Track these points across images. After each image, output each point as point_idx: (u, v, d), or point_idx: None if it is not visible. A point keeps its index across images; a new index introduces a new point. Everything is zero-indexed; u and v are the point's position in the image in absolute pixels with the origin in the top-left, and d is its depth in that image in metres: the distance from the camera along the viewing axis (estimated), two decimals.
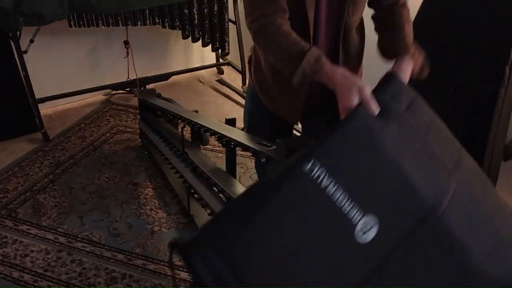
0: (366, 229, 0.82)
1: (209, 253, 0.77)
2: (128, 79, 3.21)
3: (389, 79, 1.06)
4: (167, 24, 2.98)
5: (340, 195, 0.82)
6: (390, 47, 1.32)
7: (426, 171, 0.91)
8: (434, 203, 0.88)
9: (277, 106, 1.48)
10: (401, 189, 0.87)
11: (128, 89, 3.35)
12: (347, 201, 0.82)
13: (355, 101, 1.00)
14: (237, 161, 1.92)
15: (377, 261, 0.83)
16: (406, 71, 1.20)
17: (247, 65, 1.61)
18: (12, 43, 2.58)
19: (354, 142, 0.89)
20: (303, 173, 0.81)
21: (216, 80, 3.64)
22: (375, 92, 1.01)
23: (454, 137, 1.12)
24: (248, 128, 1.68)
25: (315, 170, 0.82)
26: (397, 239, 0.84)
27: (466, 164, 1.06)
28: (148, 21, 2.91)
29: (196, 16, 3.07)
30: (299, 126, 1.66)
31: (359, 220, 0.82)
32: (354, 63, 1.43)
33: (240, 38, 3.35)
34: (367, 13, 1.40)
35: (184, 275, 1.87)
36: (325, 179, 0.82)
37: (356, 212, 0.82)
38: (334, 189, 0.82)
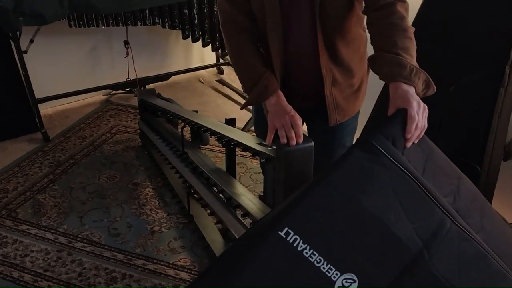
0: (347, 284, 0.86)
1: None
2: (128, 79, 3.21)
3: (394, 120, 1.04)
4: (167, 24, 2.98)
5: (316, 257, 0.87)
6: (381, 64, 1.18)
7: (414, 216, 0.94)
8: (422, 248, 0.91)
9: None
10: (382, 242, 0.90)
11: (128, 89, 3.35)
12: (323, 263, 0.86)
13: (270, 137, 1.30)
14: (237, 161, 1.92)
15: None
16: (405, 97, 1.08)
17: None
18: (12, 43, 2.58)
19: (331, 202, 0.92)
20: (280, 238, 0.86)
21: (216, 80, 3.64)
22: (380, 135, 1.00)
23: (451, 164, 1.14)
24: (255, 124, 1.70)
25: (290, 236, 0.87)
26: None
27: (464, 192, 1.08)
28: (148, 21, 2.91)
29: (196, 16, 3.07)
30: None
31: (338, 278, 0.86)
32: (347, 67, 1.39)
33: None
34: None
35: (184, 275, 1.87)
36: (300, 243, 0.87)
37: (333, 272, 0.86)
38: (310, 252, 0.87)
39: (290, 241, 0.86)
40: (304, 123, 1.62)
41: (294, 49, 1.35)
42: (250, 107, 1.77)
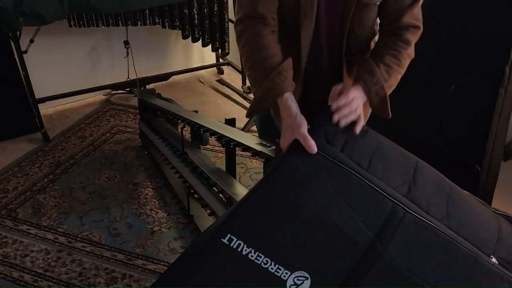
0: (299, 282, 0.85)
1: None
2: (128, 79, 3.21)
3: (325, 117, 1.06)
4: (167, 24, 2.98)
5: (263, 259, 0.86)
6: (360, 66, 1.21)
7: (361, 209, 0.94)
8: (373, 239, 0.91)
9: None
10: (329, 237, 0.90)
11: (128, 89, 3.35)
12: (271, 263, 0.86)
13: (287, 141, 1.05)
14: (237, 161, 1.92)
15: None
16: (348, 97, 1.10)
17: None
18: (12, 43, 2.58)
19: (271, 205, 0.92)
20: (224, 245, 0.86)
21: (216, 80, 3.64)
22: (312, 134, 1.02)
23: (407, 154, 1.13)
24: (260, 132, 1.66)
25: (233, 242, 0.87)
26: (338, 284, 0.87)
27: (424, 180, 1.07)
28: (148, 21, 2.91)
29: (196, 16, 3.07)
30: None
31: (288, 276, 0.85)
32: None
33: None
34: None
35: None
36: (244, 248, 0.86)
37: (283, 271, 0.85)
38: (255, 255, 0.86)
39: (234, 247, 0.86)
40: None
41: (316, 56, 1.32)
42: None
